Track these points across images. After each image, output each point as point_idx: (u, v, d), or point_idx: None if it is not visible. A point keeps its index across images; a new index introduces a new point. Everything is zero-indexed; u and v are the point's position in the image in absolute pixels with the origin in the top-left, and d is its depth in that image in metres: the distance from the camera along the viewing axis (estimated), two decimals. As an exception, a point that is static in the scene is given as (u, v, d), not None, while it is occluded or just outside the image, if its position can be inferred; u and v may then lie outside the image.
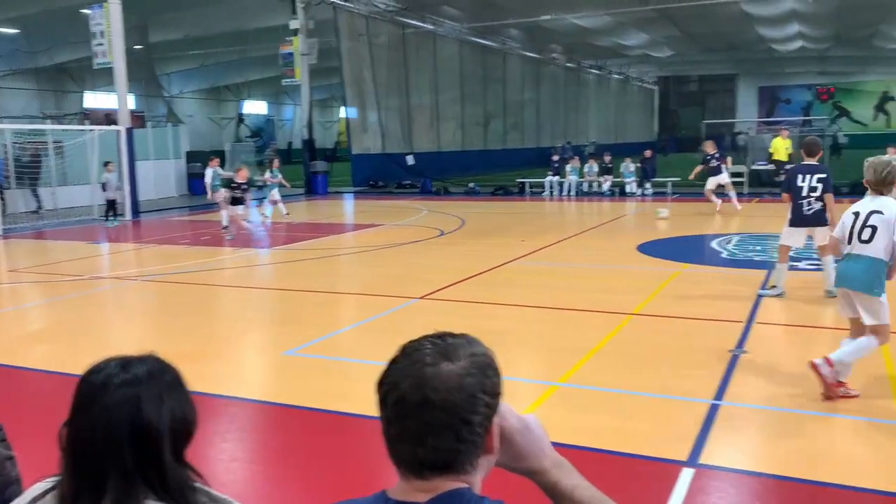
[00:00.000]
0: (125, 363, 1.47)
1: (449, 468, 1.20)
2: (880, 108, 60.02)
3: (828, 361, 5.16)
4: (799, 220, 8.16)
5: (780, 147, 20.59)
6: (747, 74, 60.06)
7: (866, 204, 5.39)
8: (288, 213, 18.42)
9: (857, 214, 5.38)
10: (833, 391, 5.15)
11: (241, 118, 56.38)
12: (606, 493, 1.35)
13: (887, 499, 3.87)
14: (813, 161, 8.25)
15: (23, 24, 27.10)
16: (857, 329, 5.34)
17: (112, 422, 1.39)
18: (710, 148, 18.13)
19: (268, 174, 19.48)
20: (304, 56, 26.25)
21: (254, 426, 5.38)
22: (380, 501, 1.24)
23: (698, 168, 18.03)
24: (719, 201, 17.29)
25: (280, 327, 8.03)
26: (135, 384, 1.43)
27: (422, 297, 8.88)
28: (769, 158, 21.15)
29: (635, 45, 40.75)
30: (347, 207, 23.53)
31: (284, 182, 19.64)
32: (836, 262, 7.70)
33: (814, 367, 5.20)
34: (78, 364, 6.01)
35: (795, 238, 8.36)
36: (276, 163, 19.79)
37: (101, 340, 7.71)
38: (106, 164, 18.64)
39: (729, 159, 18.48)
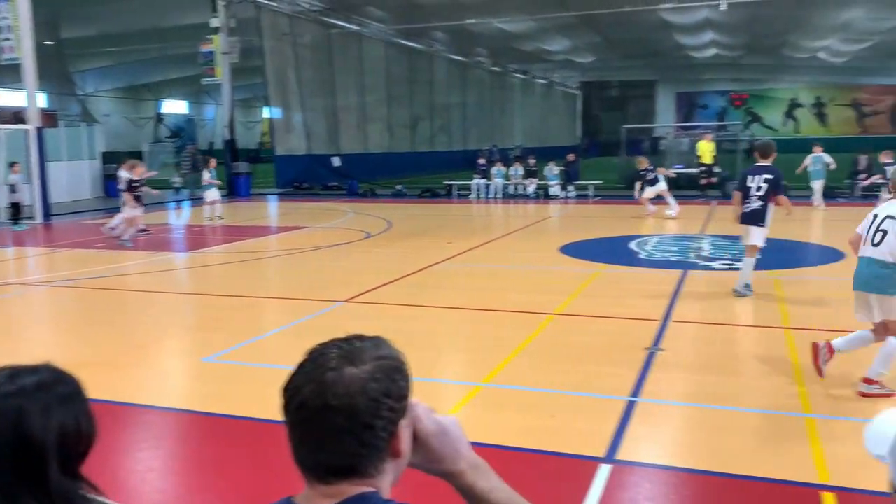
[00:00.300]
0: (13, 374, 1.40)
1: (353, 472, 1.19)
2: (789, 114, 63.00)
3: (829, 348, 5.54)
4: (741, 217, 8.53)
5: (706, 150, 21.36)
6: (666, 81, 62.02)
7: (886, 208, 5.42)
8: (221, 217, 17.92)
9: (875, 216, 5.42)
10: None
11: (159, 118, 54.78)
12: (527, 491, 1.37)
13: (794, 488, 4.05)
14: (766, 163, 8.53)
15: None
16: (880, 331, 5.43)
17: None
18: (643, 164, 18.56)
19: (207, 174, 18.81)
20: (226, 55, 25.70)
21: (171, 435, 5.23)
22: None
23: (638, 184, 18.46)
24: (654, 208, 17.72)
25: (199, 333, 7.83)
26: (19, 395, 1.36)
27: (346, 301, 8.82)
28: (696, 162, 21.89)
29: (558, 50, 41.51)
30: (271, 210, 23.15)
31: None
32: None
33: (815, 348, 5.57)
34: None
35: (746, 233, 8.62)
36: (212, 162, 19.20)
37: (7, 350, 7.35)
38: (11, 164, 17.77)
39: (661, 168, 19.02)
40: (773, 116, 62.91)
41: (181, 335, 7.84)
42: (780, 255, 11.65)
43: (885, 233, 5.25)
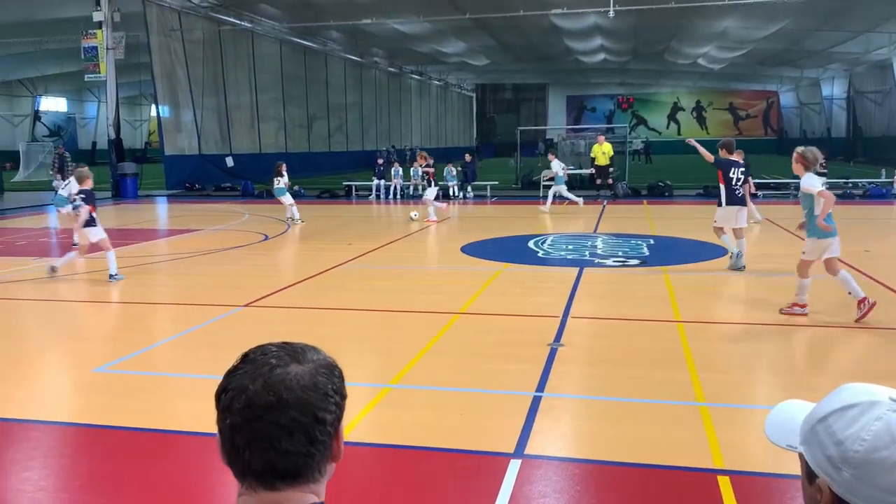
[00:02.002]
0: None
1: (299, 476, 1.19)
2: (672, 117, 66.19)
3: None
4: (734, 200, 10.28)
5: (600, 153, 22.05)
6: (557, 84, 63.91)
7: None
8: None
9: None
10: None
11: (37, 115, 51.62)
12: (440, 489, 1.38)
13: (692, 474, 4.26)
14: (734, 158, 10.50)
15: None
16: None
17: None
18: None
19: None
20: (110, 50, 24.52)
21: (61, 451, 4.93)
22: None
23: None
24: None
25: (89, 343, 7.43)
26: None
27: (246, 305, 8.59)
28: (592, 163, 22.57)
29: (454, 52, 41.95)
30: (161, 212, 22.25)
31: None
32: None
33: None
34: None
35: (730, 217, 10.32)
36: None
37: None
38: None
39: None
40: (658, 119, 66.01)
41: (68, 346, 7.42)
42: (668, 253, 12.23)
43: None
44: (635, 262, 11.30)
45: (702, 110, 65.70)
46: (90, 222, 10.23)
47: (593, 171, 22.79)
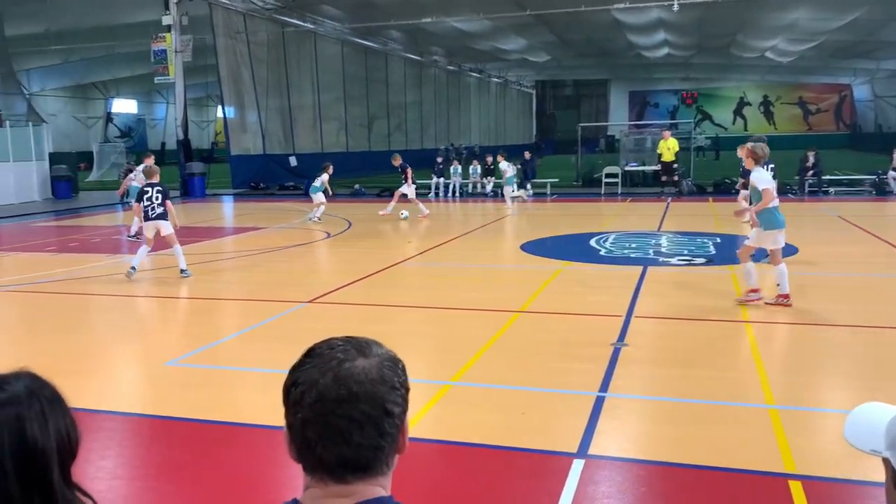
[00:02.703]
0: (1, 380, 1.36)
1: (369, 469, 1.20)
2: (738, 112, 64.47)
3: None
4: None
5: (665, 148, 21.62)
6: (618, 79, 62.94)
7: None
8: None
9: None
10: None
11: (109, 117, 53.52)
12: (503, 488, 1.39)
13: (762, 478, 4.15)
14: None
15: None
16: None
17: None
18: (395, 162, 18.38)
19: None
20: (178, 53, 25.23)
21: (135, 441, 5.11)
22: None
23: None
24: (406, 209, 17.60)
25: (161, 337, 7.67)
26: (15, 403, 1.32)
27: (310, 301, 8.73)
28: (658, 160, 22.17)
29: (513, 49, 41.76)
30: (227, 210, 22.81)
31: None
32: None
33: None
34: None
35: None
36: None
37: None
38: None
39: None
40: (723, 114, 64.35)
41: (142, 339, 7.68)
42: (735, 251, 11.92)
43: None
44: (701, 260, 11.06)
45: (769, 105, 63.78)
46: (162, 216, 10.54)
47: (658, 168, 22.39)
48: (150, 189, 10.59)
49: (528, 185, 23.74)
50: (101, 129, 52.21)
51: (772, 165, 9.94)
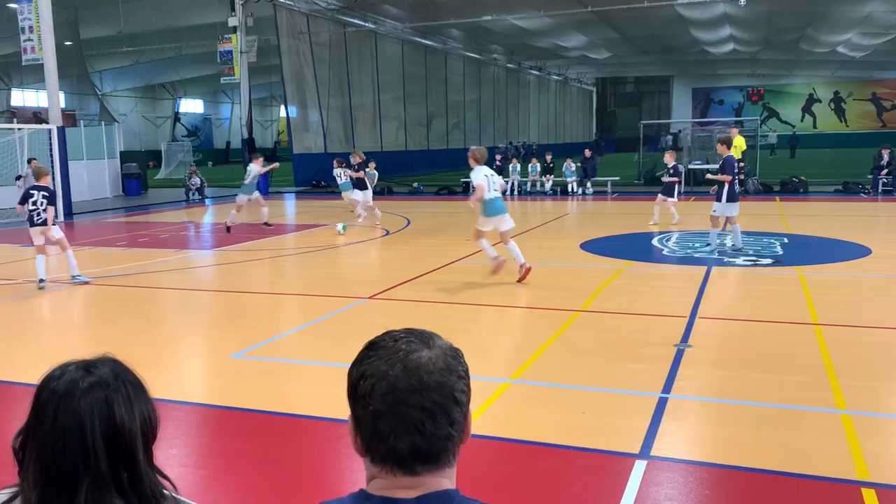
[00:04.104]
0: (86, 366, 1.42)
1: (438, 459, 1.20)
2: (807, 109, 62.45)
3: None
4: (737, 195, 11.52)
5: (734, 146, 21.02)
6: (682, 76, 61.69)
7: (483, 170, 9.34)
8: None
9: (488, 177, 9.30)
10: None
11: (177, 117, 55.11)
12: (565, 487, 1.39)
13: (832, 485, 4.01)
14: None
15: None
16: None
17: (85, 427, 1.33)
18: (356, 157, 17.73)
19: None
20: (243, 54, 25.81)
21: (202, 431, 5.25)
22: (361, 499, 1.22)
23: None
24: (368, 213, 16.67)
25: (226, 330, 7.86)
26: (103, 386, 1.38)
27: (370, 298, 8.83)
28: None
29: (574, 46, 41.37)
30: (290, 208, 23.22)
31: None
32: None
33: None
34: (11, 372, 5.81)
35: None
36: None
37: (37, 347, 7.42)
38: (29, 161, 17.64)
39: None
40: (791, 111, 62.44)
41: (207, 332, 7.89)
42: (803, 252, 11.57)
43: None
44: (768, 261, 10.76)
45: (840, 101, 61.58)
46: (46, 222, 9.92)
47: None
48: (35, 192, 9.88)
49: (589, 184, 23.50)
50: (169, 128, 53.82)
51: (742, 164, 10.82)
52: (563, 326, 7.31)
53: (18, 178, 16.80)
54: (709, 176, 11.66)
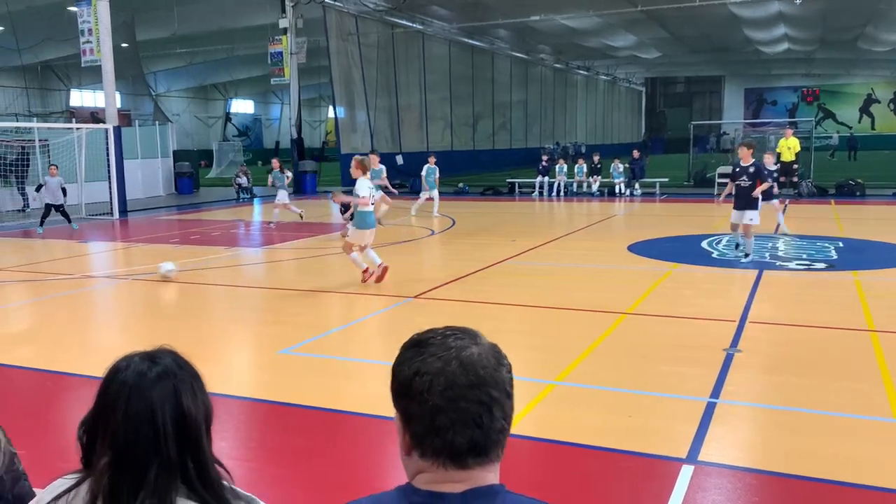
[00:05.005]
0: (150, 357, 1.47)
1: (489, 453, 1.22)
2: (865, 109, 60.64)
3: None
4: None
5: (785, 147, 20.53)
6: (734, 76, 60.51)
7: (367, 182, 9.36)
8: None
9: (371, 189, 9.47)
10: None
11: (228, 117, 56.14)
12: (610, 490, 1.40)
13: (882, 494, 3.90)
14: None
15: (9, 20, 26.86)
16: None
17: (156, 415, 1.39)
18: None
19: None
20: (293, 55, 26.16)
21: (250, 425, 5.34)
22: (407, 493, 1.24)
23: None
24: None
25: (274, 326, 7.98)
26: (171, 376, 1.44)
27: (415, 297, 8.87)
28: (777, 159, 21.16)
29: (623, 46, 40.91)
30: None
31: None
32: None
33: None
34: (64, 363, 5.98)
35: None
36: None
37: (90, 340, 7.65)
38: (50, 166, 17.92)
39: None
40: (848, 112, 60.70)
41: (256, 328, 8.02)
42: (859, 256, 11.25)
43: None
44: (821, 265, 10.49)
45: (901, 102, 59.63)
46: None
47: (776, 168, 21.32)
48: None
49: (637, 185, 23.23)
50: (221, 128, 54.86)
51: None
52: (609, 329, 7.25)
53: (39, 187, 17.18)
54: (755, 194, 10.80)
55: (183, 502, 1.39)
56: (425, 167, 18.86)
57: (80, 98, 42.32)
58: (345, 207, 16.13)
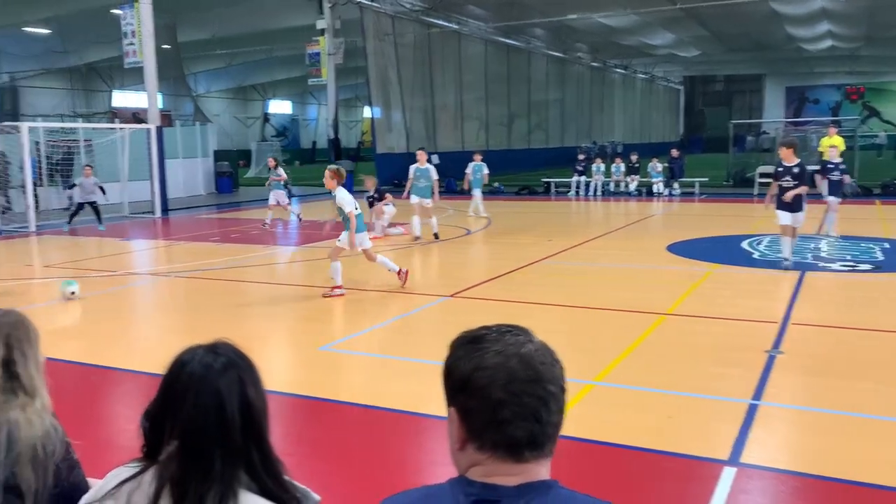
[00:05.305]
0: (213, 349, 1.52)
1: (544, 447, 1.25)
2: (912, 108, 59.05)
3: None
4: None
5: (828, 146, 20.06)
6: (775, 74, 59.40)
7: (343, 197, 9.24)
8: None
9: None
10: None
11: (266, 118, 56.77)
12: (650, 491, 1.41)
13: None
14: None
15: (55, 23, 27.55)
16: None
17: (224, 404, 1.43)
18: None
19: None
20: (331, 56, 26.37)
21: (292, 420, 5.41)
22: (462, 485, 1.25)
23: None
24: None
25: (313, 324, 8.07)
26: (235, 367, 1.48)
27: (451, 296, 8.89)
28: (819, 158, 20.72)
29: (661, 44, 40.47)
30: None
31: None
32: None
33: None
34: (109, 358, 6.10)
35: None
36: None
37: (133, 336, 7.81)
38: (85, 166, 18.13)
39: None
40: (894, 110, 59.20)
41: (296, 325, 8.12)
42: (907, 257, 11.00)
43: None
44: (867, 266, 10.27)
45: (949, 100, 58.00)
46: None
47: (818, 168, 20.90)
48: None
49: (675, 185, 22.96)
50: (259, 128, 55.51)
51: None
52: (648, 329, 7.19)
53: (72, 186, 17.66)
54: (791, 195, 10.07)
55: (244, 493, 1.43)
56: (470, 164, 18.63)
57: (123, 99, 43.18)
58: (372, 200, 16.24)
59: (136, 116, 32.87)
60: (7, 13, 28.37)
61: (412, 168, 15.05)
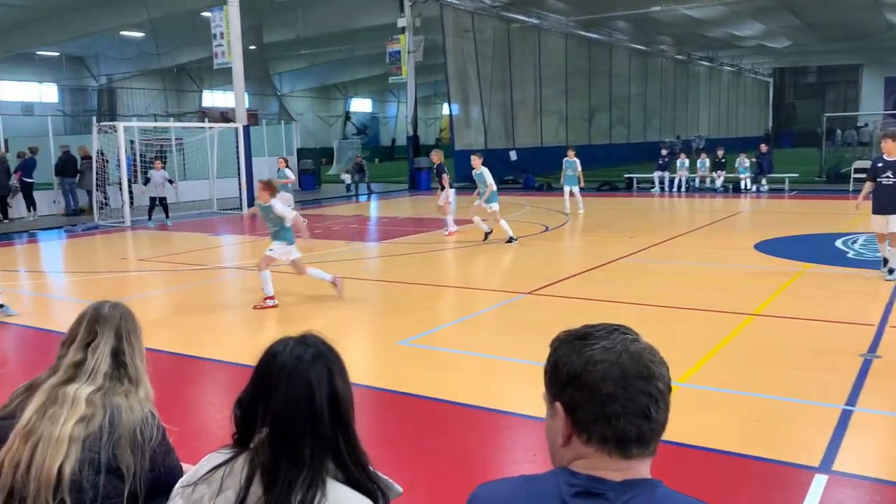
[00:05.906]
0: (303, 341, 1.57)
1: (650, 444, 1.26)
2: None
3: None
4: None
5: None
6: (873, 64, 56.50)
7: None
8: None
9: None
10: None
11: (347, 116, 57.77)
12: (739, 495, 1.39)
13: None
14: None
15: (149, 27, 28.76)
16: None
17: (314, 394, 1.48)
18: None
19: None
20: (411, 53, 26.59)
21: (371, 412, 5.49)
22: (565, 475, 1.26)
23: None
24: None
25: (392, 318, 8.18)
26: (324, 358, 1.53)
27: (529, 293, 8.84)
28: None
29: (750, 35, 39.10)
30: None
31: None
32: None
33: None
34: (197, 347, 6.32)
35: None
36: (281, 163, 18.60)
37: (220, 327, 8.09)
38: (153, 160, 18.87)
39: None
40: None
41: (378, 320, 8.24)
42: None
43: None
44: None
45: None
46: None
47: None
48: None
49: (764, 181, 22.17)
50: (341, 126, 56.57)
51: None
52: (735, 330, 6.97)
53: (147, 181, 18.35)
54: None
55: (331, 482, 1.47)
56: (564, 161, 18.06)
57: (212, 98, 44.77)
58: (438, 172, 16.07)
59: (225, 116, 34.02)
60: (105, 19, 29.87)
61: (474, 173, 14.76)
